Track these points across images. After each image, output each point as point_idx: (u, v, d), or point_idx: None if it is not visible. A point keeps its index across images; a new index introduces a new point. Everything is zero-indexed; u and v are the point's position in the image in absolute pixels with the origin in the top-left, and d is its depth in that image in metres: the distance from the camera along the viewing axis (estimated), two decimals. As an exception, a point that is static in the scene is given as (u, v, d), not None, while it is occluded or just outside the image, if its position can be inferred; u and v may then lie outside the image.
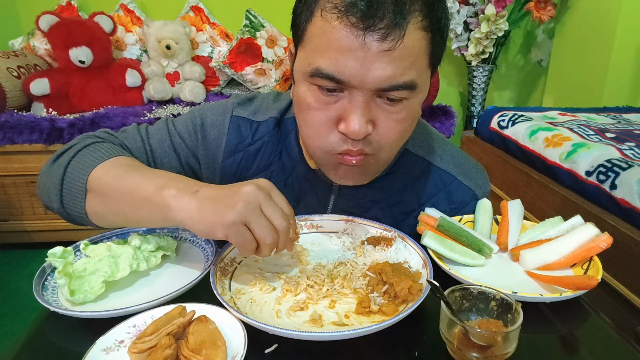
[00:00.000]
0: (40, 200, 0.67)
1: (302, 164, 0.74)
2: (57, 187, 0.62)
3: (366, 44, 0.51)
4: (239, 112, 0.76)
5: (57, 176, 0.62)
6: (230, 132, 0.75)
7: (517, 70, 2.87)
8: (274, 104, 0.78)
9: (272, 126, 0.76)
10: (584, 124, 1.64)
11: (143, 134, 0.74)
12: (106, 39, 2.22)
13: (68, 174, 0.62)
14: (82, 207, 0.61)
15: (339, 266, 0.63)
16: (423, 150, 0.76)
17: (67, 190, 0.62)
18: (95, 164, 0.61)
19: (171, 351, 0.44)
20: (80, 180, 0.61)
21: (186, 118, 0.77)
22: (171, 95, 2.34)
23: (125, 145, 0.72)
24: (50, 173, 0.64)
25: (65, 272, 0.57)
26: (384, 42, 0.51)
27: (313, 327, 0.51)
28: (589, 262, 0.62)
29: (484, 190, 0.77)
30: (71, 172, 0.62)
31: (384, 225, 0.70)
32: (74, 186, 0.61)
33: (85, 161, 0.62)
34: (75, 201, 0.61)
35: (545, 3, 2.39)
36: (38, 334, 0.54)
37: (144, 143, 0.73)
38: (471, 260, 0.63)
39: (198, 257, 0.67)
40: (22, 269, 1.99)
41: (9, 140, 1.88)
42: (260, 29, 2.45)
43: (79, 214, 0.62)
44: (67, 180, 0.62)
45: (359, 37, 0.51)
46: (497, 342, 0.46)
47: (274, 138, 0.75)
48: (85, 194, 0.61)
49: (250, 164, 0.76)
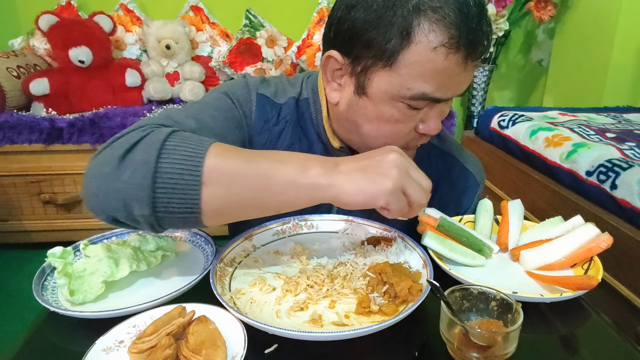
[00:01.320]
0: (97, 211, 0.53)
1: (319, 143, 0.76)
2: (148, 188, 0.50)
3: (466, 67, 0.58)
4: (262, 90, 0.75)
5: (143, 175, 0.50)
6: (258, 109, 0.74)
7: (517, 70, 2.86)
8: (289, 85, 0.78)
9: (293, 106, 0.76)
10: (584, 124, 1.64)
11: (193, 117, 0.65)
12: (106, 39, 2.22)
13: (164, 170, 0.50)
14: (196, 204, 0.51)
15: (339, 266, 0.63)
16: None
17: (168, 190, 0.50)
18: (200, 153, 0.51)
19: (171, 351, 0.44)
20: (192, 174, 0.50)
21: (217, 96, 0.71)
22: (171, 95, 2.34)
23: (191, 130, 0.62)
24: (124, 174, 0.51)
25: (65, 272, 0.57)
26: (477, 61, 0.60)
27: (313, 327, 0.51)
28: (590, 262, 0.62)
29: (481, 178, 0.82)
30: (170, 168, 0.50)
31: (384, 225, 0.70)
32: (180, 183, 0.50)
33: (184, 152, 0.52)
34: (185, 199, 0.51)
35: (546, 3, 2.39)
36: (38, 334, 0.54)
37: (203, 124, 0.65)
38: (472, 260, 0.63)
39: (198, 257, 0.67)
40: (22, 269, 1.99)
41: (8, 140, 1.88)
42: (260, 28, 2.45)
43: (185, 215, 0.52)
44: (165, 178, 0.50)
45: (463, 64, 0.57)
46: (497, 342, 0.45)
47: (294, 117, 0.76)
48: (200, 188, 0.51)
49: (274, 144, 0.76)
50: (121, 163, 0.51)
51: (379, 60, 0.58)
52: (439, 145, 0.81)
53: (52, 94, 2.06)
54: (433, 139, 0.81)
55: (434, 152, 0.81)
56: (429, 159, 0.80)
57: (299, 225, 0.72)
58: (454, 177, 0.80)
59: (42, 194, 1.96)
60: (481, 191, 0.82)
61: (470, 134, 2.09)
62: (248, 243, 0.67)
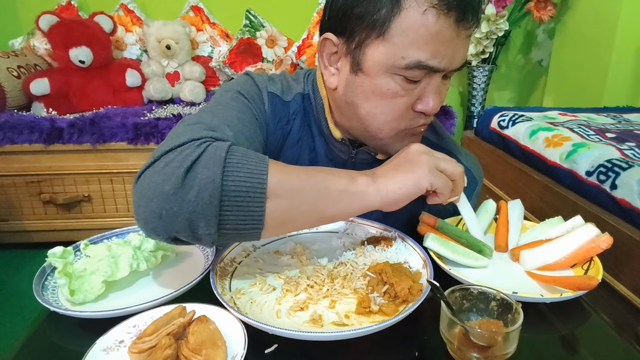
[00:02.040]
0: (157, 231, 0.52)
1: (321, 137, 0.76)
2: (215, 207, 0.49)
3: (459, 33, 0.58)
4: (272, 88, 0.75)
5: (210, 194, 0.49)
6: (271, 108, 0.74)
7: (517, 70, 2.86)
8: (294, 82, 0.78)
9: (300, 102, 0.76)
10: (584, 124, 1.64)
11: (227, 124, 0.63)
12: (106, 39, 2.22)
13: (229, 189, 0.50)
14: (261, 219, 0.52)
15: (339, 266, 0.63)
16: (427, 132, 0.81)
17: (234, 207, 0.50)
18: (262, 170, 0.52)
19: (171, 351, 0.44)
20: (257, 191, 0.51)
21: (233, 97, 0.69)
22: (171, 95, 2.34)
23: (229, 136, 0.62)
24: (189, 194, 0.49)
25: (65, 272, 0.57)
26: (470, 29, 0.60)
27: (313, 327, 0.51)
28: (590, 263, 0.62)
29: (479, 175, 0.82)
30: (235, 186, 0.50)
31: (384, 225, 0.70)
32: (247, 200, 0.51)
33: (247, 170, 0.52)
34: (252, 216, 0.51)
35: (546, 3, 2.39)
36: (38, 333, 0.54)
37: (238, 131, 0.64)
38: (474, 261, 0.63)
39: (198, 257, 0.67)
40: (22, 269, 1.99)
41: (9, 140, 1.88)
42: (260, 28, 2.45)
43: (250, 231, 0.53)
44: (231, 197, 0.50)
45: (455, 28, 0.57)
46: (497, 343, 0.45)
47: (301, 114, 0.77)
48: (264, 203, 0.52)
49: (285, 140, 0.76)
50: (185, 182, 0.49)
51: (372, 32, 0.59)
52: (437, 142, 0.81)
53: (53, 94, 2.06)
54: (431, 136, 0.81)
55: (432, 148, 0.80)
56: None
57: (299, 225, 0.72)
58: None
59: (42, 194, 1.96)
60: (479, 188, 0.82)
61: (470, 134, 2.09)
62: (248, 243, 0.67)
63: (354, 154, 0.75)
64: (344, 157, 0.76)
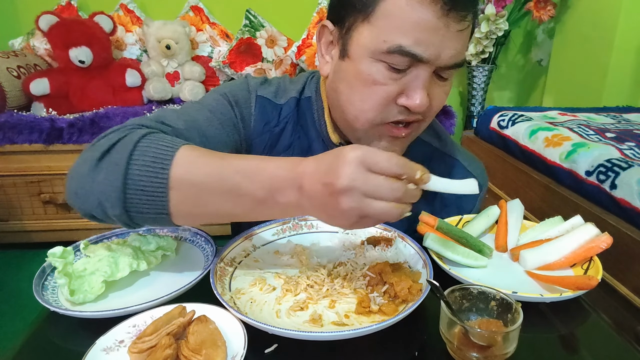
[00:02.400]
0: (77, 208, 0.55)
1: (319, 141, 0.76)
2: (118, 189, 0.51)
3: (447, 24, 0.56)
4: (262, 92, 0.75)
5: (115, 177, 0.51)
6: (257, 111, 0.74)
7: (517, 70, 2.86)
8: (291, 85, 0.78)
9: (294, 106, 0.76)
10: (584, 124, 1.64)
11: (184, 118, 0.66)
12: (106, 39, 2.22)
13: (133, 173, 0.51)
14: (165, 207, 0.52)
15: (339, 266, 0.63)
16: (429, 136, 0.79)
17: (137, 191, 0.51)
18: (168, 157, 0.52)
19: (171, 351, 0.44)
20: (159, 178, 0.51)
21: (216, 97, 0.72)
22: (171, 95, 2.34)
23: (178, 131, 0.63)
24: (99, 175, 0.52)
25: (65, 272, 0.57)
26: (461, 23, 0.57)
27: (313, 327, 0.51)
28: (589, 262, 0.62)
29: (485, 180, 0.81)
30: (139, 170, 0.51)
31: (384, 225, 0.70)
32: (149, 185, 0.51)
33: (153, 155, 0.52)
34: (155, 202, 0.52)
35: (545, 3, 2.39)
36: (38, 333, 0.54)
37: (193, 125, 0.65)
38: (474, 261, 0.63)
39: (198, 257, 0.67)
40: (22, 269, 1.99)
41: (8, 140, 1.88)
42: (260, 28, 2.45)
43: (156, 216, 0.53)
44: (134, 180, 0.51)
45: (443, 17, 0.55)
46: (497, 342, 0.46)
47: (294, 118, 0.76)
48: (167, 192, 0.51)
49: (274, 145, 0.76)
50: (98, 164, 0.53)
51: (359, 14, 0.59)
52: (440, 147, 0.80)
53: (53, 94, 2.06)
54: (433, 141, 0.80)
55: (435, 154, 0.80)
56: (430, 161, 0.78)
57: (299, 225, 0.72)
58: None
59: (42, 194, 1.96)
60: (484, 194, 0.81)
61: (470, 134, 2.09)
62: (248, 243, 0.67)
63: None
64: None
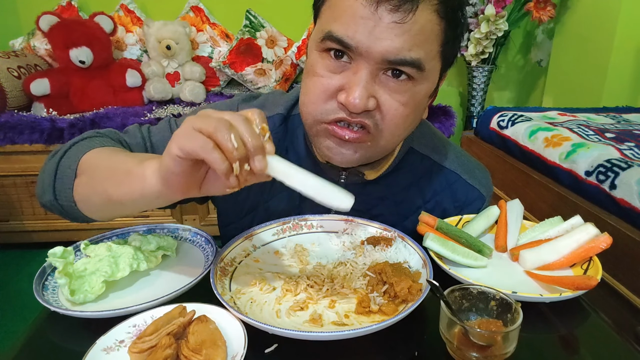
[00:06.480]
0: (37, 199, 0.66)
1: (309, 159, 0.74)
2: (51, 177, 0.62)
3: (378, 14, 0.54)
4: (243, 107, 0.75)
5: (51, 168, 0.63)
6: None
7: (516, 71, 2.87)
8: (281, 99, 0.77)
9: (279, 123, 0.75)
10: (583, 124, 1.64)
11: (144, 132, 0.74)
12: (106, 39, 2.22)
13: (62, 164, 0.62)
14: (71, 193, 0.60)
15: (339, 266, 0.63)
16: (428, 149, 0.77)
17: (60, 178, 0.62)
18: (87, 147, 0.63)
19: (171, 351, 0.44)
20: (71, 167, 0.61)
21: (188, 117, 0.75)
22: (171, 96, 2.34)
23: (125, 141, 0.71)
24: (47, 166, 0.64)
25: (66, 272, 0.57)
26: (395, 14, 0.53)
27: (313, 327, 0.51)
28: (589, 262, 0.62)
29: (488, 190, 0.79)
30: (65, 161, 0.62)
31: (384, 225, 0.70)
32: (65, 173, 0.61)
33: (79, 150, 0.63)
34: (65, 187, 0.61)
35: (545, 3, 2.39)
36: (38, 334, 0.54)
37: (145, 140, 0.73)
38: (474, 261, 0.63)
39: (198, 257, 0.67)
40: (22, 269, 1.99)
41: (9, 141, 1.88)
42: (260, 29, 2.45)
43: (68, 203, 0.61)
44: (60, 169, 0.62)
45: (371, 6, 0.54)
46: (496, 342, 0.46)
47: (280, 134, 0.75)
48: (74, 178, 0.60)
49: None
50: (52, 158, 0.65)
51: (317, 12, 0.62)
52: (439, 161, 0.77)
53: (53, 94, 2.06)
54: (434, 155, 0.77)
55: (435, 168, 0.77)
56: (430, 175, 0.77)
57: (299, 225, 0.72)
58: (457, 192, 0.77)
59: (42, 194, 1.96)
60: (487, 204, 0.79)
61: (469, 134, 2.09)
62: (248, 243, 0.67)
63: (345, 176, 0.73)
64: (334, 179, 0.73)
